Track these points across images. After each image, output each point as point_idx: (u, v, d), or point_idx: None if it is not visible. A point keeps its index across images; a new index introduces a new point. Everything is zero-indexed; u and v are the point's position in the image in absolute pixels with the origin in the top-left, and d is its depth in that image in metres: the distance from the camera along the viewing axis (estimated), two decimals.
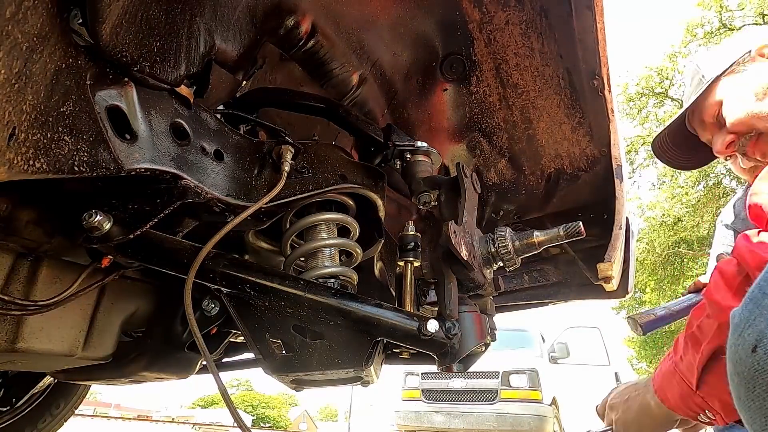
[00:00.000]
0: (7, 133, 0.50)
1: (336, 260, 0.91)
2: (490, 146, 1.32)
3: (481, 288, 0.88)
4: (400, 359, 0.98)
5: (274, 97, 1.00)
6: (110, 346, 0.98)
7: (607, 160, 1.26)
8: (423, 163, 1.05)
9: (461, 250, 0.80)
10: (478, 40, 1.07)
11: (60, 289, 0.83)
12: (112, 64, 0.62)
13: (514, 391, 5.91)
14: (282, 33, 0.94)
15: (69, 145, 0.57)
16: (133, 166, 0.64)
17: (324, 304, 0.76)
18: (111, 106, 0.62)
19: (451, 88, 1.19)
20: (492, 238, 0.92)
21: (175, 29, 0.70)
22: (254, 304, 0.79)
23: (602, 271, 1.32)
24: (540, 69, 1.10)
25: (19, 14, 0.49)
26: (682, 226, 11.89)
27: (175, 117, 0.73)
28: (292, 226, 0.91)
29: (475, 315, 0.85)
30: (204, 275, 0.78)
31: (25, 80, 0.51)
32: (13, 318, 0.82)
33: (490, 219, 1.50)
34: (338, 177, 0.89)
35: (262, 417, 39.21)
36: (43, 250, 0.84)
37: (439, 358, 0.77)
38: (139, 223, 0.74)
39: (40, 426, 1.67)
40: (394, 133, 1.05)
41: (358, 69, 1.09)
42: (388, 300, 1.10)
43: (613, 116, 1.16)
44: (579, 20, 0.98)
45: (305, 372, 0.78)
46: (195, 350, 0.98)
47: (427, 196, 0.98)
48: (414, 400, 6.46)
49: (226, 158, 0.81)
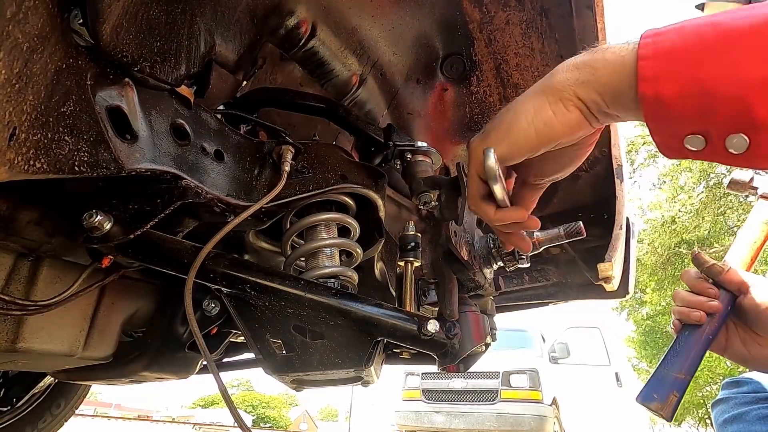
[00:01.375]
0: (7, 133, 0.50)
1: (336, 260, 0.91)
2: None
3: (482, 288, 0.88)
4: (400, 359, 0.98)
5: (274, 97, 1.00)
6: (111, 346, 0.98)
7: (607, 160, 1.26)
8: (423, 163, 1.05)
9: (461, 251, 0.80)
10: (479, 40, 1.07)
11: (60, 289, 0.83)
12: (113, 65, 0.63)
13: (514, 391, 5.91)
14: (282, 33, 0.94)
15: (69, 145, 0.57)
16: (133, 167, 0.64)
17: (324, 304, 0.76)
18: (111, 107, 0.62)
19: (451, 88, 1.19)
20: (492, 238, 0.92)
21: (176, 29, 0.70)
22: (254, 304, 0.79)
23: (603, 271, 1.32)
24: (540, 69, 1.10)
25: (19, 14, 0.49)
26: (683, 227, 11.88)
27: (176, 117, 0.73)
28: (293, 226, 0.92)
29: (476, 315, 0.86)
30: (204, 275, 0.78)
31: (25, 80, 0.51)
32: (14, 318, 0.82)
33: None
34: (338, 177, 0.89)
35: (263, 417, 39.23)
36: (43, 250, 0.85)
37: (440, 358, 0.77)
38: (139, 223, 0.74)
39: (41, 426, 1.67)
40: (395, 133, 1.06)
41: (358, 69, 1.10)
42: (389, 300, 1.10)
43: None
44: (579, 20, 0.98)
45: (305, 372, 0.78)
46: (195, 350, 0.98)
47: (427, 196, 0.98)
48: (414, 400, 6.46)
49: (226, 158, 0.81)
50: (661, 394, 0.83)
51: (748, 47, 0.41)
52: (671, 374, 0.84)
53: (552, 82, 0.55)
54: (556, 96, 0.54)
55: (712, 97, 0.43)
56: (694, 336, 0.86)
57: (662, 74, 0.46)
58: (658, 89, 0.46)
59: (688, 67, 0.44)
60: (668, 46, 0.46)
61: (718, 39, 0.43)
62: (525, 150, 0.57)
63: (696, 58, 0.44)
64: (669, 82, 0.45)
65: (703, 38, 0.44)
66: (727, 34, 0.43)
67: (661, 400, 0.83)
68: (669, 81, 0.45)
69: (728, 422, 1.04)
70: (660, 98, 0.46)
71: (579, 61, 0.54)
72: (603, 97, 0.52)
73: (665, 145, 0.50)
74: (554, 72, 0.56)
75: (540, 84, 0.57)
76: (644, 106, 0.47)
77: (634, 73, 0.48)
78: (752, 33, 0.42)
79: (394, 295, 1.14)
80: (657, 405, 0.83)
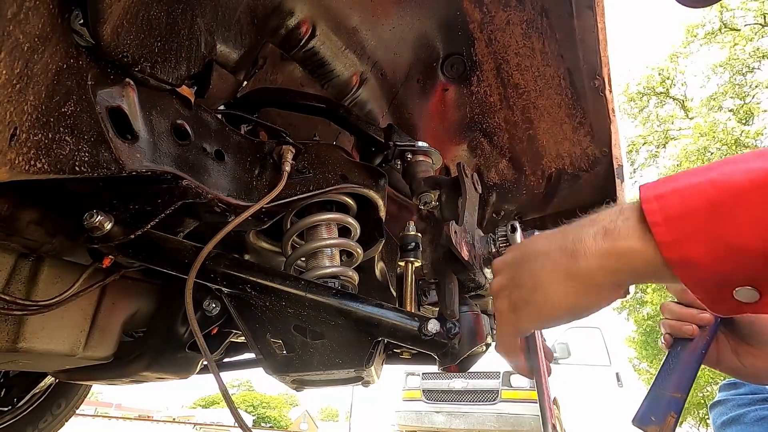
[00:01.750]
0: (8, 134, 0.50)
1: (337, 260, 0.91)
2: (491, 146, 1.32)
3: (482, 288, 0.88)
4: (400, 359, 0.98)
5: (274, 98, 1.00)
6: (111, 346, 0.98)
7: (608, 160, 1.26)
8: (424, 163, 1.05)
9: (462, 251, 0.79)
10: (479, 40, 1.07)
11: (61, 289, 0.83)
12: (114, 65, 0.63)
13: (515, 392, 5.90)
14: (283, 33, 0.94)
15: (70, 146, 0.57)
16: (134, 167, 0.64)
17: (325, 304, 0.76)
18: (112, 107, 0.62)
19: (452, 88, 1.19)
20: (493, 238, 0.92)
21: (176, 30, 0.70)
22: (255, 304, 0.79)
23: None
24: (541, 69, 1.10)
25: (20, 15, 0.49)
26: None
27: (176, 117, 0.74)
28: (293, 227, 0.92)
29: (476, 315, 0.85)
30: (205, 275, 0.78)
31: (26, 80, 0.51)
32: (15, 318, 0.82)
33: (491, 219, 1.50)
34: (339, 177, 0.89)
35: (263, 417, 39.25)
36: (44, 250, 0.85)
37: (440, 358, 0.77)
38: (140, 224, 0.74)
39: (42, 426, 1.67)
40: (395, 133, 1.06)
41: (358, 69, 1.10)
42: (389, 300, 1.10)
43: (614, 116, 1.16)
44: (580, 20, 0.98)
45: (306, 372, 0.78)
46: (196, 350, 0.98)
47: (428, 196, 0.98)
48: (415, 401, 6.46)
49: (227, 158, 0.81)
50: (659, 416, 0.79)
51: (760, 203, 0.42)
52: (667, 393, 0.81)
53: (579, 269, 0.54)
54: (588, 283, 0.54)
55: (746, 253, 0.43)
56: (686, 350, 0.82)
57: (682, 238, 0.45)
58: (683, 252, 0.45)
59: (707, 229, 0.44)
60: (677, 210, 0.46)
61: (723, 198, 0.44)
62: (556, 324, 0.60)
63: (709, 219, 0.44)
64: (692, 243, 0.45)
65: (708, 199, 0.44)
66: (731, 193, 0.43)
67: (658, 422, 0.79)
68: (692, 243, 0.45)
69: (727, 424, 1.04)
70: (688, 261, 0.45)
71: (599, 249, 0.52)
72: (634, 278, 0.52)
73: (714, 302, 0.49)
74: (575, 254, 0.54)
75: (563, 265, 0.55)
76: (675, 271, 0.47)
77: (654, 243, 0.47)
78: (756, 189, 0.43)
79: (394, 295, 1.14)
80: (655, 428, 0.79)
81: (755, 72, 12.95)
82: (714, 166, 0.46)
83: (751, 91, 13.14)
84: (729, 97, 13.39)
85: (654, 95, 14.73)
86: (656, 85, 14.65)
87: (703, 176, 0.46)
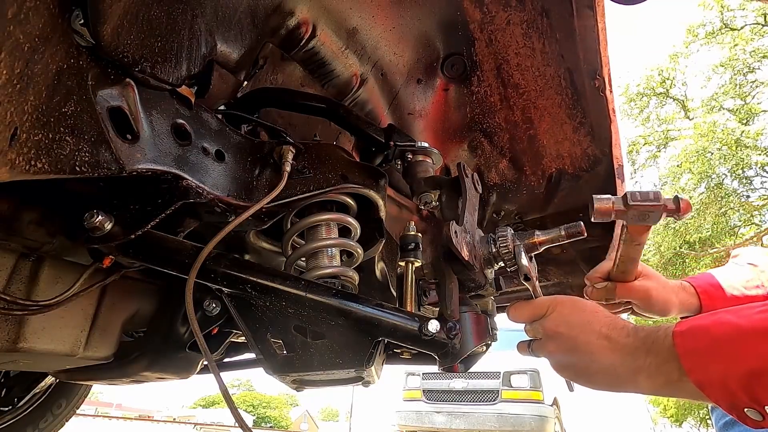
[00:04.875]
0: (9, 134, 0.50)
1: (337, 260, 0.91)
2: (491, 146, 1.31)
3: (483, 288, 0.88)
4: (401, 359, 0.98)
5: (275, 98, 1.00)
6: (112, 346, 0.98)
7: (608, 160, 1.26)
8: (424, 164, 1.05)
9: (462, 251, 0.79)
10: (480, 40, 1.07)
11: (62, 289, 0.83)
12: (114, 65, 0.63)
13: (515, 392, 5.90)
14: (283, 33, 0.94)
15: (70, 146, 0.57)
16: (134, 167, 0.64)
17: (325, 304, 0.76)
18: (112, 107, 0.63)
19: (452, 88, 1.19)
20: (493, 238, 0.92)
21: (177, 30, 0.70)
22: (255, 304, 0.79)
23: None
24: (541, 69, 1.10)
25: (20, 15, 0.49)
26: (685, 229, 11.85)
27: (177, 117, 0.74)
28: (293, 227, 0.92)
29: (477, 315, 0.85)
30: (205, 275, 0.78)
31: (26, 81, 0.51)
32: (15, 318, 0.82)
33: (492, 219, 1.50)
34: (339, 177, 0.89)
35: (263, 417, 39.24)
36: (44, 250, 0.85)
37: (440, 358, 0.77)
38: (140, 224, 0.74)
39: (42, 425, 1.67)
40: (395, 134, 1.05)
41: (358, 69, 1.10)
42: (390, 300, 1.10)
43: (614, 116, 1.16)
44: (580, 20, 0.98)
45: (306, 372, 0.78)
46: (196, 350, 0.98)
47: (428, 196, 0.98)
48: (415, 401, 6.46)
49: (227, 158, 0.81)
50: None
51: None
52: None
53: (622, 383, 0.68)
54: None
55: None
56: None
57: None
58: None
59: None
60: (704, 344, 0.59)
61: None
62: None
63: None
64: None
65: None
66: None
67: None
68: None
69: (729, 425, 1.04)
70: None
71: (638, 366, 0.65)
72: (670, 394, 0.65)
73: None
74: (623, 381, 0.68)
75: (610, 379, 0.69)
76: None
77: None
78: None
79: (394, 295, 1.14)
80: None
81: (756, 72, 12.94)
82: (729, 312, 0.62)
83: (751, 90, 13.14)
84: (730, 97, 13.38)
85: (654, 95, 14.72)
86: (656, 85, 14.64)
87: (732, 319, 0.61)
